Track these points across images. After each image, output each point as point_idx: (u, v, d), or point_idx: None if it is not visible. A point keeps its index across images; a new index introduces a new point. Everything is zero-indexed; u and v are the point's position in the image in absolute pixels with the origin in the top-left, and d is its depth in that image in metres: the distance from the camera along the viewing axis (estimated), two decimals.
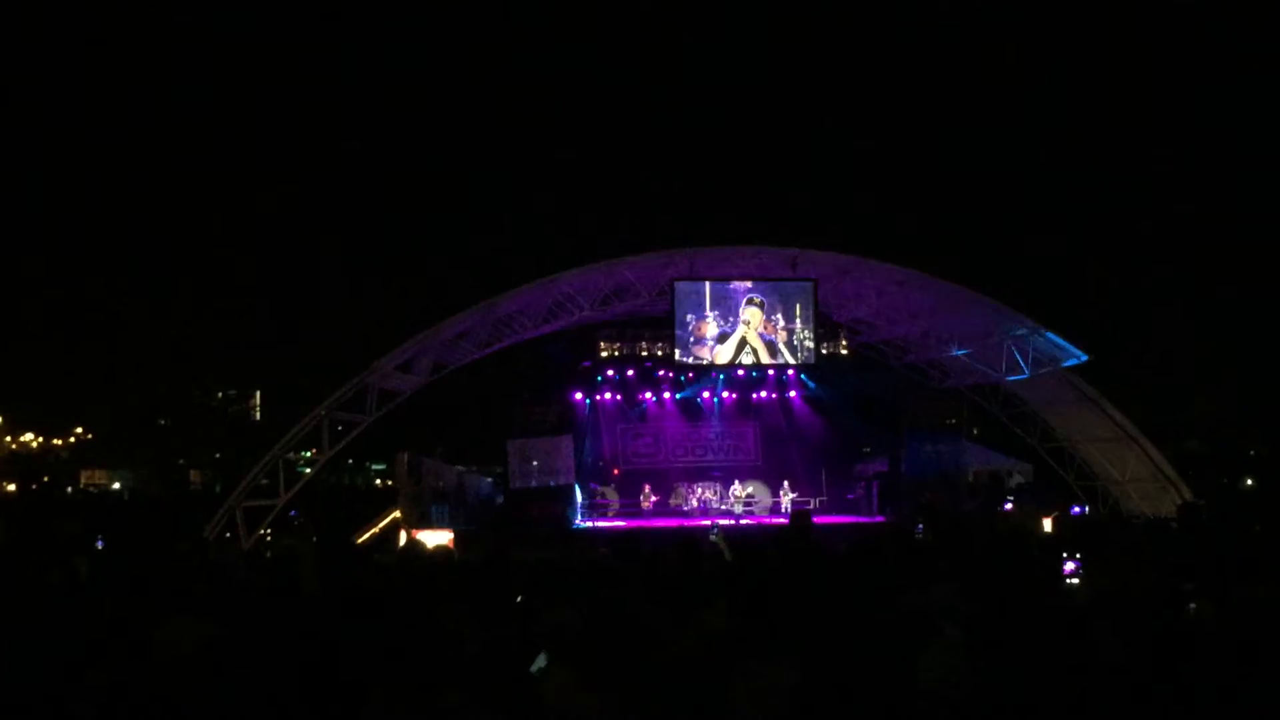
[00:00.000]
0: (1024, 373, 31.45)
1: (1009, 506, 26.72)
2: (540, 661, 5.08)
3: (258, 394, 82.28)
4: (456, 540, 25.01)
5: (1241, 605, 4.81)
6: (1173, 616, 5.13)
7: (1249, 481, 54.28)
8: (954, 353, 31.98)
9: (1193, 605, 5.48)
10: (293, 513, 29.53)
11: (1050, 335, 29.90)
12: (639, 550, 8.48)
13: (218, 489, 50.31)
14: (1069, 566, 6.68)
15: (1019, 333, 30.13)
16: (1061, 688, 4.04)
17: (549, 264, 29.53)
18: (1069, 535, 8.17)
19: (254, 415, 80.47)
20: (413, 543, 10.01)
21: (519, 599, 7.47)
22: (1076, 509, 27.51)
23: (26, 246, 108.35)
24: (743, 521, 31.99)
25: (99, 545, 14.56)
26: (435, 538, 23.66)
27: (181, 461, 69.52)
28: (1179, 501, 31.11)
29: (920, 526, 9.21)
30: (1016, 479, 35.21)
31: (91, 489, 65.62)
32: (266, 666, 5.55)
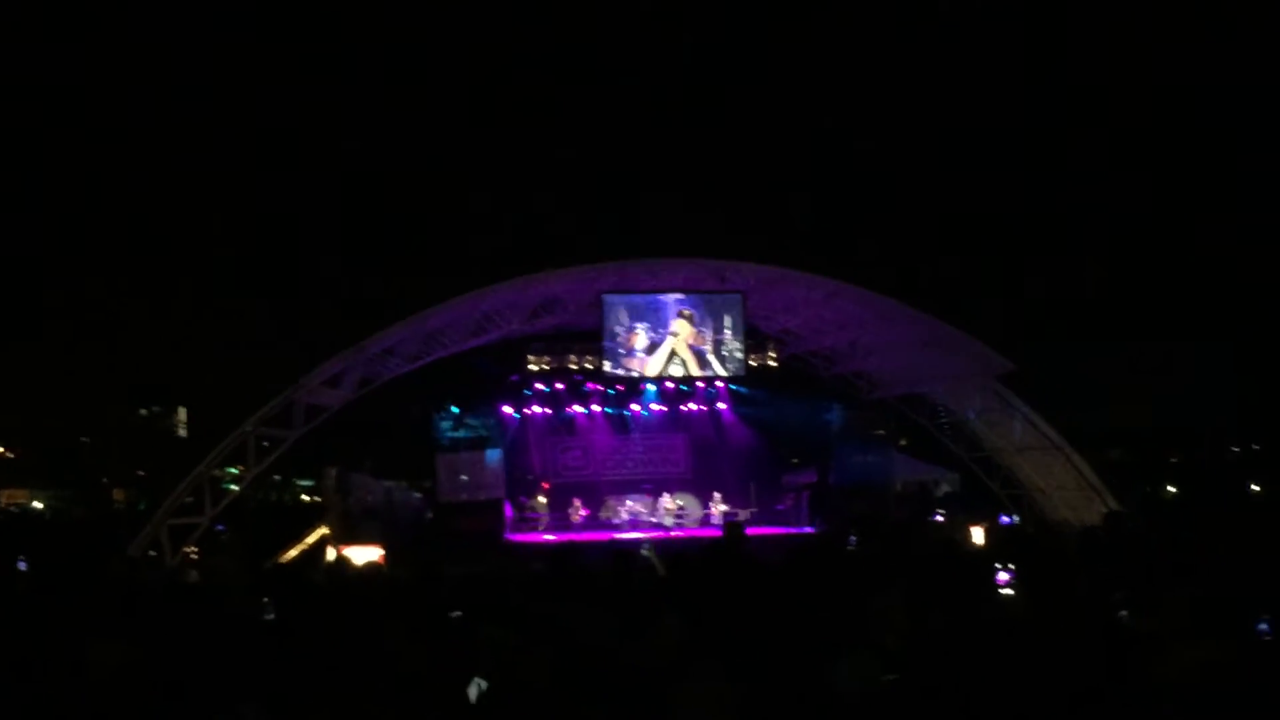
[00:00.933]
0: (950, 383, 31.77)
1: (939, 517, 26.97)
2: (478, 686, 5.03)
3: (182, 411, 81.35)
4: (386, 555, 24.80)
5: (1169, 612, 4.87)
6: (1105, 625, 5.19)
7: (1170, 489, 55.13)
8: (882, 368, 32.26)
9: (1123, 613, 5.54)
10: (219, 527, 29.17)
11: (975, 343, 30.20)
12: (574, 565, 8.45)
13: (141, 507, 49.60)
14: (1003, 577, 6.72)
15: (945, 343, 30.41)
16: (997, 696, 4.05)
17: (477, 278, 29.41)
18: (1000, 545, 8.23)
19: (178, 432, 79.57)
20: (340, 559, 9.89)
21: (453, 615, 7.41)
22: (1005, 519, 27.82)
23: None
24: (673, 534, 31.98)
25: (20, 566, 14.26)
26: (364, 553, 23.41)
27: (105, 480, 68.56)
28: (1103, 510, 31.53)
29: (853, 538, 9.24)
30: (944, 489, 35.53)
31: (12, 509, 64.49)
32: (194, 687, 5.48)
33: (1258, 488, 51.00)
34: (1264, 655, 4.68)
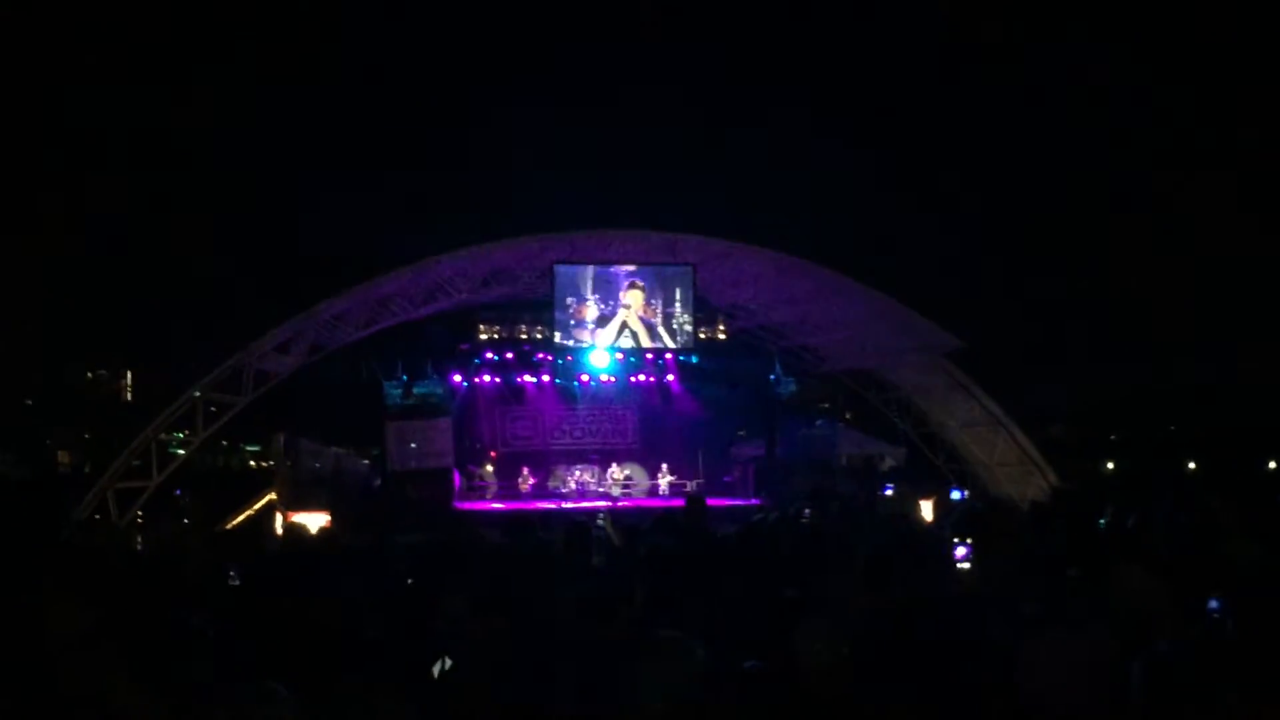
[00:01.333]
0: (898, 358, 32.05)
1: (889, 491, 27.18)
2: (442, 663, 5.10)
3: (129, 374, 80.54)
4: (334, 522, 24.75)
5: (1121, 587, 5.02)
6: (1061, 599, 5.34)
7: (1109, 466, 55.83)
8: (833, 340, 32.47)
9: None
10: (178, 491, 29.06)
11: (924, 321, 30.46)
12: (530, 535, 8.54)
13: (87, 470, 49.16)
14: (960, 551, 6.84)
15: (893, 318, 30.66)
16: (959, 670, 4.18)
17: (428, 245, 29.35)
18: (955, 520, 8.37)
19: (125, 395, 78.80)
20: (294, 526, 9.93)
21: (409, 582, 7.48)
22: (956, 493, 28.08)
23: None
24: (619, 504, 32.09)
25: None
26: (312, 520, 23.41)
27: (48, 442, 67.85)
28: (1044, 485, 31.95)
29: (807, 511, 9.36)
30: (889, 463, 35.79)
31: None
32: (154, 653, 5.50)
33: (1194, 465, 51.72)
34: (1214, 633, 4.83)
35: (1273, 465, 47.99)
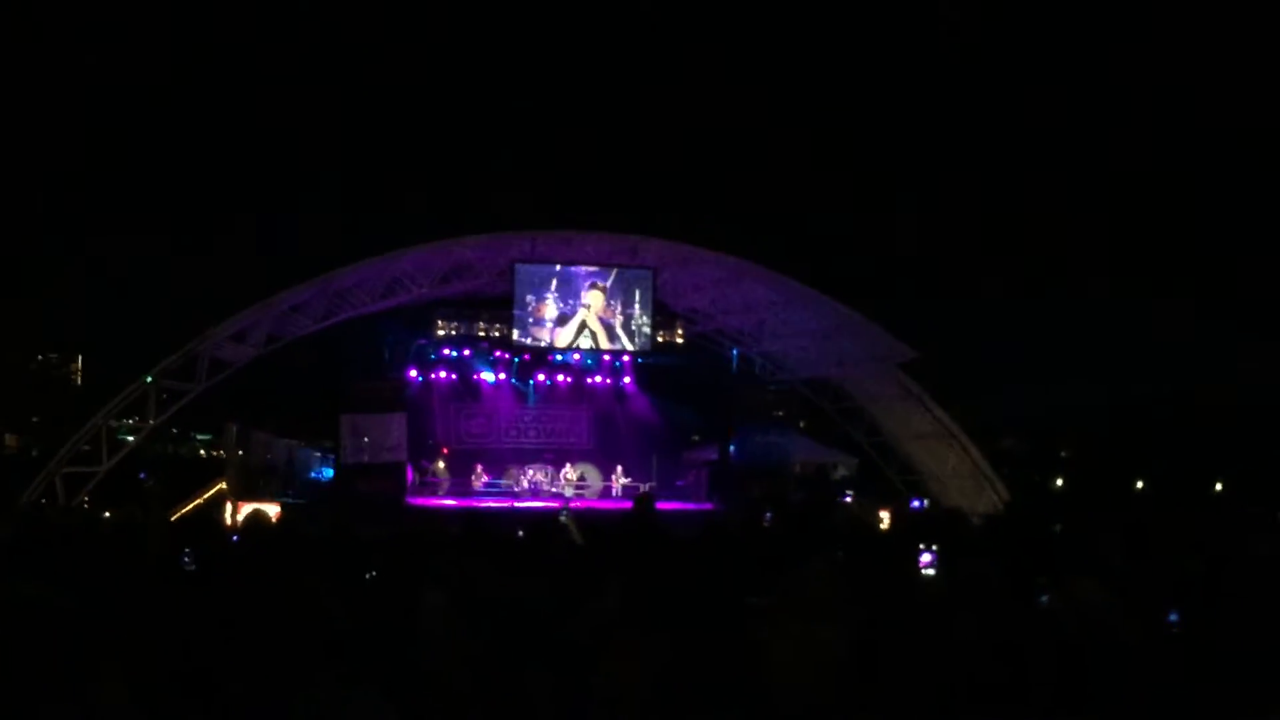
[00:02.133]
0: (852, 368, 32.27)
1: (848, 498, 27.37)
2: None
3: (79, 358, 79.88)
4: (286, 513, 24.65)
5: (1084, 598, 5.11)
6: (1026, 607, 5.43)
7: (1059, 481, 56.37)
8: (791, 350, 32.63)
9: (1044, 598, 5.80)
10: (142, 475, 28.93)
11: (878, 331, 30.71)
12: (492, 530, 8.56)
13: (34, 454, 48.76)
14: (925, 558, 6.96)
15: (848, 328, 30.90)
16: (924, 675, 4.26)
17: (388, 240, 29.36)
18: (915, 528, 8.47)
19: (75, 380, 78.14)
20: (257, 513, 9.88)
21: (370, 575, 7.48)
22: (916, 503, 28.33)
23: None
24: (572, 504, 32.09)
25: None
26: (262, 510, 23.35)
27: None
28: (994, 498, 32.26)
29: (768, 515, 9.41)
30: (841, 472, 36.01)
31: None
32: (115, 640, 5.47)
33: (1141, 485, 52.27)
34: (1174, 645, 4.94)
35: (1219, 487, 48.54)
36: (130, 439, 31.27)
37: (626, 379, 36.01)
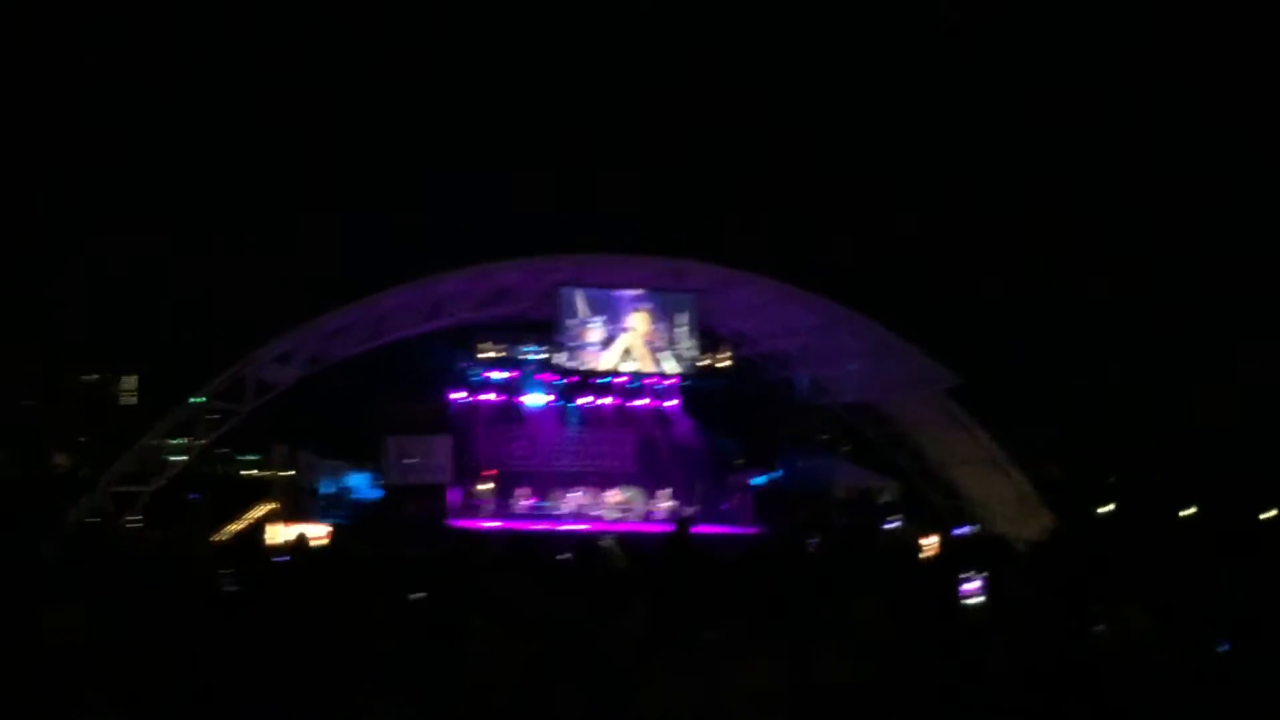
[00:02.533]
0: (897, 392, 32.12)
1: (896, 524, 27.19)
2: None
3: (131, 379, 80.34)
4: (334, 535, 24.75)
5: (1137, 625, 5.06)
6: (1079, 635, 5.37)
7: (1106, 508, 55.65)
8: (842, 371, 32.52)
9: (1099, 627, 5.72)
10: (194, 496, 29.05)
11: (923, 356, 30.54)
12: (536, 552, 8.58)
13: (83, 473, 49.07)
14: (971, 585, 6.87)
15: (894, 353, 30.75)
16: (973, 696, 4.22)
17: (431, 262, 29.38)
18: (960, 555, 8.41)
19: (121, 400, 78.61)
20: (302, 538, 9.94)
21: (415, 596, 7.50)
22: (961, 529, 28.14)
23: None
24: (615, 528, 32.04)
25: None
26: (310, 531, 23.42)
27: (45, 444, 67.60)
28: (1041, 525, 31.92)
29: (813, 541, 9.37)
30: (885, 497, 35.74)
31: None
32: (159, 656, 5.51)
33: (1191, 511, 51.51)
34: (1223, 673, 4.88)
35: (1273, 513, 47.76)
36: (178, 459, 31.46)
37: (671, 402, 35.97)
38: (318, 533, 22.23)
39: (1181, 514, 50.57)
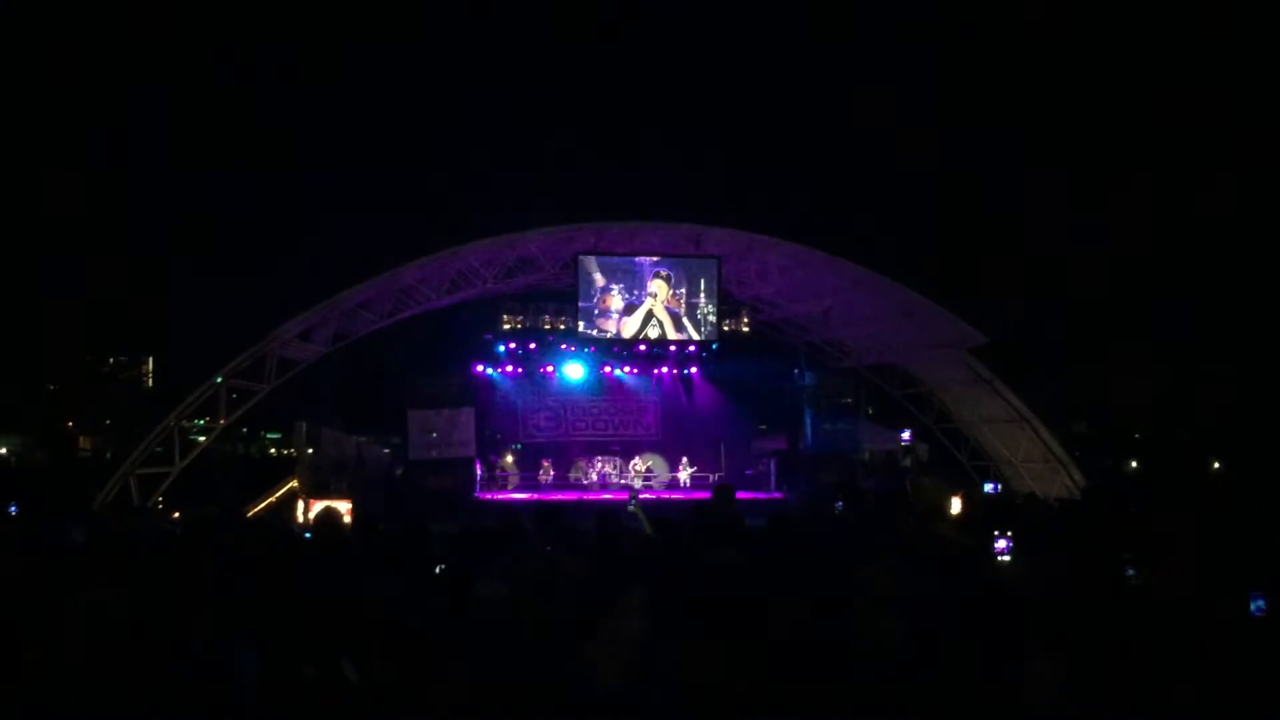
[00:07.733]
0: (921, 353, 31.98)
1: (925, 483, 27.07)
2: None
3: (150, 361, 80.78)
4: (356, 510, 24.72)
5: (1177, 573, 4.98)
6: (1113, 586, 5.30)
7: (1134, 464, 55.58)
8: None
9: (1131, 572, 5.65)
10: (218, 474, 29.13)
11: (946, 315, 30.38)
12: (562, 521, 8.52)
13: (108, 456, 49.38)
14: (1000, 544, 6.80)
15: (916, 313, 30.59)
16: (1009, 660, 4.14)
17: (452, 234, 29.27)
18: (991, 512, 8.33)
19: (146, 382, 79.04)
20: (329, 510, 9.88)
21: (439, 569, 7.44)
22: (989, 486, 28.01)
23: None
24: (642, 496, 32.06)
25: (11, 510, 14.22)
26: (337, 507, 23.40)
27: (70, 426, 68.01)
28: (1068, 483, 31.84)
29: (839, 504, 9.28)
30: (911, 458, 35.63)
31: None
32: (196, 635, 5.45)
33: (1218, 465, 51.40)
34: (1258, 630, 4.80)
35: None
36: (201, 439, 31.53)
37: (693, 369, 35.93)
38: (342, 508, 22.27)
39: (1213, 467, 50.43)
